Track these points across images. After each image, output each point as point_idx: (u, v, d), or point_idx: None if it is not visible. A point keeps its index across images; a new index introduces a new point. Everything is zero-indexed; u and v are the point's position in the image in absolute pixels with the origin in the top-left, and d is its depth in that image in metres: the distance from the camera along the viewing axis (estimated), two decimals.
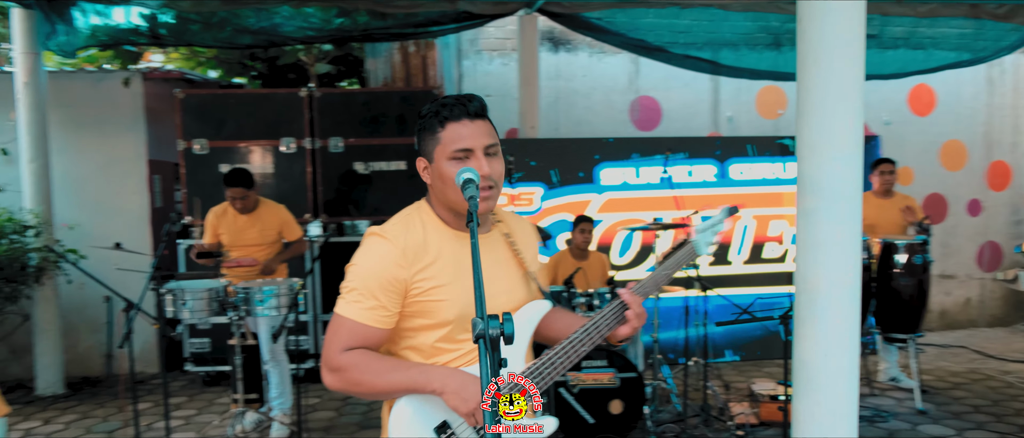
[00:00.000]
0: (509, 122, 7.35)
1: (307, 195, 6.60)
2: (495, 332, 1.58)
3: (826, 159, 2.85)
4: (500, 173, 1.92)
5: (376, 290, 1.86)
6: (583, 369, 4.92)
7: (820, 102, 2.85)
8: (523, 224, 2.19)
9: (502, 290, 1.99)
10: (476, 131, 1.89)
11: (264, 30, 6.64)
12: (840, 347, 2.84)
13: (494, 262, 2.00)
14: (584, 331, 1.98)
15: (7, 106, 6.36)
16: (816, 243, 2.85)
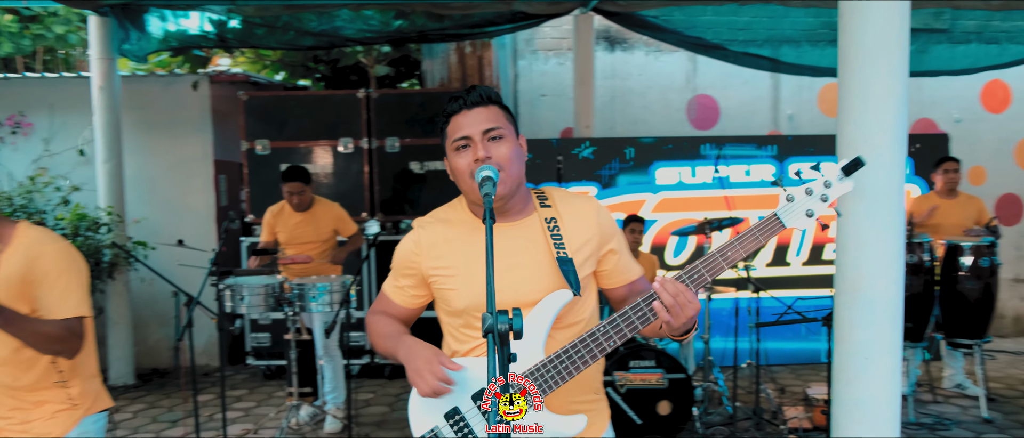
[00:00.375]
0: (564, 122, 7.36)
1: (364, 194, 6.74)
2: (503, 327, 1.60)
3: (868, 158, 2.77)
4: (506, 155, 1.92)
5: (399, 272, 2.09)
6: (631, 369, 4.90)
7: (861, 100, 2.78)
8: (580, 206, 2.07)
9: (525, 279, 1.96)
10: (473, 118, 1.93)
11: (325, 32, 6.81)
12: (881, 351, 2.77)
13: (520, 250, 1.98)
14: (610, 323, 1.92)
15: (85, 110, 6.68)
16: (856, 244, 2.79)
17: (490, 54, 7.45)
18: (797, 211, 1.88)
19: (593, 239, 2.04)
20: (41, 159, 7.11)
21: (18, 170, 7.04)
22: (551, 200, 2.08)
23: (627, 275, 2.14)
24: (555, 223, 2.03)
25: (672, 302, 1.83)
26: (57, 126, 7.17)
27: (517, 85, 7.47)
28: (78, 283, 2.44)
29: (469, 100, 1.95)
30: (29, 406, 2.45)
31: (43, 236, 2.47)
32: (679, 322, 1.85)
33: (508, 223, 2.01)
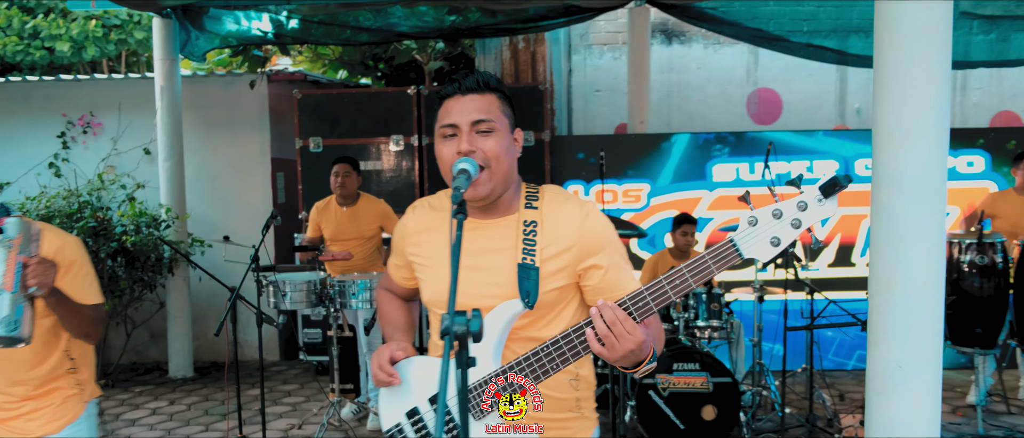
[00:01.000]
0: (618, 117, 7.21)
1: (414, 191, 6.74)
2: (460, 329, 1.51)
3: (903, 149, 2.57)
4: (493, 151, 1.79)
5: (394, 251, 2.10)
6: (674, 371, 4.73)
7: (898, 87, 2.58)
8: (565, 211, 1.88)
9: (482, 282, 1.85)
10: (465, 106, 1.80)
11: (380, 29, 6.85)
12: (919, 357, 2.56)
13: (487, 251, 1.87)
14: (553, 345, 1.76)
15: (151, 110, 6.88)
16: (891, 241, 2.58)
17: (543, 49, 7.35)
18: (760, 238, 1.59)
19: (571, 249, 1.85)
20: (109, 157, 7.37)
21: (89, 168, 7.30)
22: (541, 201, 1.91)
23: (615, 294, 1.82)
24: (533, 227, 1.87)
25: (604, 331, 1.65)
26: (124, 125, 7.41)
27: (571, 80, 7.35)
28: (94, 272, 2.56)
29: (464, 85, 1.83)
30: (41, 395, 2.53)
31: (58, 230, 2.55)
32: (614, 356, 1.66)
33: (486, 220, 1.90)
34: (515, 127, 1.91)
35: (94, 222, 6.26)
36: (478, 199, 1.82)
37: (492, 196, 1.84)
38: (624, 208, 6.55)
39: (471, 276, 1.84)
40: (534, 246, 1.85)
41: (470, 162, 1.75)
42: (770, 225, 1.58)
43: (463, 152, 1.78)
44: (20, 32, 11.48)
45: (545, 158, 6.58)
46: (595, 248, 1.85)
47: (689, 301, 5.02)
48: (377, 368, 1.84)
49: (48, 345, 2.51)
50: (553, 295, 1.87)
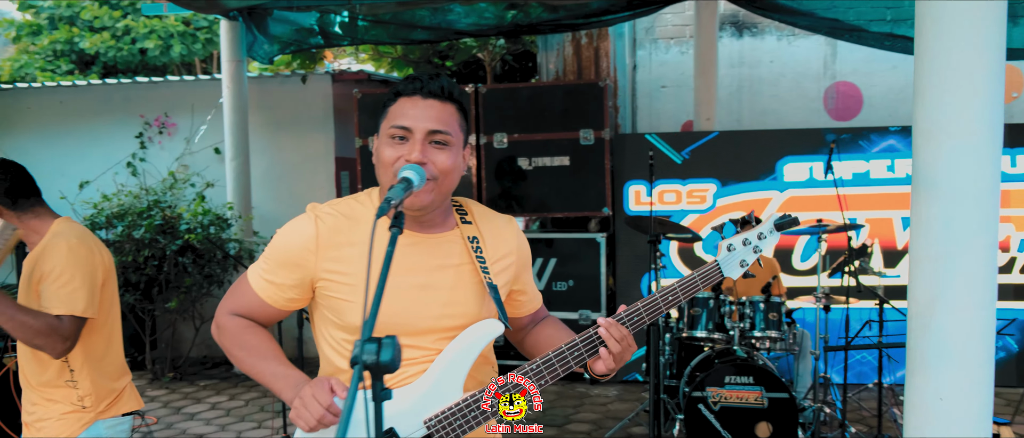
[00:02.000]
0: (685, 114, 6.93)
1: (471, 191, 6.65)
2: (370, 358, 1.39)
3: (946, 150, 2.28)
4: (445, 166, 1.67)
5: (278, 265, 1.74)
6: (726, 384, 4.47)
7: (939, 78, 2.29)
8: (502, 226, 1.88)
9: (444, 301, 1.73)
10: (424, 111, 1.67)
11: (439, 26, 6.79)
12: (963, 390, 2.27)
13: (438, 268, 1.74)
14: (544, 361, 1.73)
15: (220, 110, 7.04)
16: (932, 256, 2.30)
17: (607, 44, 7.14)
18: (734, 261, 1.89)
19: (512, 265, 1.87)
20: (183, 156, 7.59)
21: (164, 167, 7.54)
22: (471, 215, 1.86)
23: (535, 303, 2.00)
24: (478, 243, 1.80)
25: (618, 348, 1.74)
26: (197, 125, 7.62)
27: (635, 76, 7.11)
28: (79, 283, 2.45)
29: (427, 87, 1.70)
30: (43, 403, 2.51)
31: (64, 231, 2.52)
32: (617, 366, 1.78)
33: (425, 235, 1.76)
34: (467, 143, 1.81)
35: (161, 220, 6.44)
36: (416, 209, 1.68)
37: (430, 208, 1.72)
38: (688, 209, 6.28)
39: (423, 295, 1.72)
40: (485, 263, 1.79)
41: (417, 171, 1.62)
42: (740, 251, 1.89)
43: (414, 161, 1.64)
44: (113, 31, 12.03)
45: (605, 157, 6.37)
46: (526, 262, 1.92)
47: (745, 310, 4.74)
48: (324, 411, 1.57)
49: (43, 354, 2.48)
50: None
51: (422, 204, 1.67)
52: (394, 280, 1.68)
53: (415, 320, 1.71)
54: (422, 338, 1.72)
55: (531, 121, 6.55)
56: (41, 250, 2.49)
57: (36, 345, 2.38)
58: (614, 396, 5.97)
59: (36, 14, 12.78)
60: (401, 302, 1.70)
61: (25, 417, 2.55)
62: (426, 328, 1.72)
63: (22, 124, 7.84)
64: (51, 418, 2.50)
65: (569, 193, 6.45)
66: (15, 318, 2.32)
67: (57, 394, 2.51)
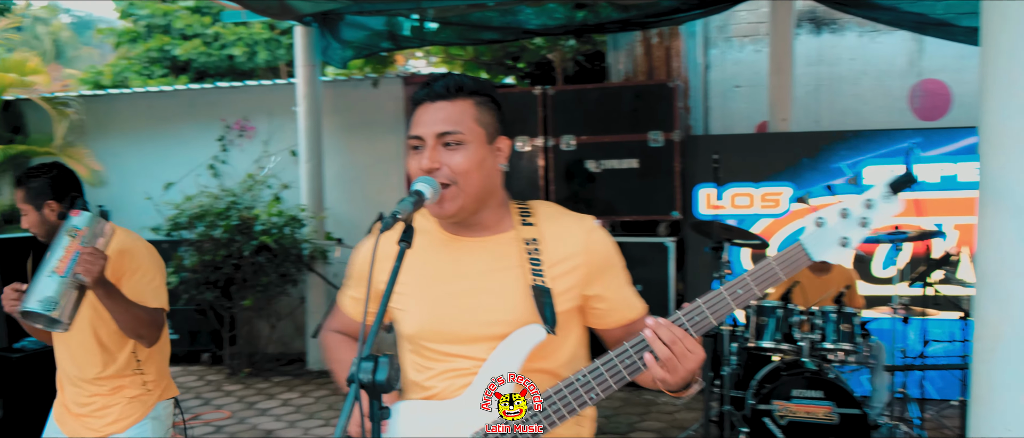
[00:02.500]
0: (760, 114, 6.70)
1: (539, 194, 6.61)
2: (365, 377, 1.38)
3: (1016, 157, 2.12)
4: (461, 167, 1.62)
5: (354, 280, 1.85)
6: (793, 398, 4.30)
7: (1007, 79, 2.13)
8: (569, 226, 1.73)
9: (490, 306, 1.67)
10: (432, 116, 1.63)
11: (508, 26, 6.78)
12: None
13: (487, 271, 1.69)
14: (592, 372, 1.61)
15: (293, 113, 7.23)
16: (1000, 274, 2.13)
17: (678, 43, 6.98)
18: (828, 239, 1.52)
19: (579, 267, 1.70)
20: (261, 159, 7.80)
21: (243, 169, 7.77)
22: (536, 217, 1.75)
23: (624, 313, 1.77)
24: (535, 244, 1.70)
25: (666, 354, 1.53)
26: (274, 128, 7.82)
27: (708, 76, 6.92)
28: (160, 280, 2.67)
29: (433, 91, 1.65)
30: (108, 392, 2.67)
31: (129, 233, 2.70)
32: (676, 378, 1.55)
33: (476, 238, 1.72)
34: (499, 135, 1.72)
35: (238, 220, 6.64)
36: (446, 217, 1.66)
37: (463, 214, 1.66)
38: (762, 213, 6.07)
39: (476, 301, 1.68)
40: (540, 265, 1.68)
41: (428, 182, 1.59)
42: (838, 225, 1.52)
43: (425, 169, 1.61)
44: (203, 38, 12.52)
45: (675, 159, 6.23)
46: (603, 264, 1.72)
47: (816, 320, 4.54)
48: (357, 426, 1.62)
49: (116, 345, 2.66)
50: (565, 318, 1.69)
51: (450, 212, 1.64)
52: (443, 287, 1.70)
53: (464, 327, 1.68)
54: (472, 346, 1.67)
55: (599, 123, 6.46)
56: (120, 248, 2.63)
57: (140, 335, 2.56)
58: (681, 405, 5.83)
59: (135, 22, 13.43)
60: (450, 309, 1.69)
61: (76, 409, 2.70)
62: (475, 335, 1.67)
63: (114, 128, 8.23)
64: (117, 404, 2.68)
65: (637, 196, 6.34)
66: (130, 310, 2.49)
67: (124, 382, 2.69)
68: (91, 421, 2.67)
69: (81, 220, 2.41)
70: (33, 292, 2.34)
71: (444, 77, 1.67)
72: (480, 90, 1.69)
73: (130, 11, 13.38)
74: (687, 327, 1.56)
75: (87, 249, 2.34)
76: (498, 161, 1.71)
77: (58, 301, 2.32)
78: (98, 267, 2.33)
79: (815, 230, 1.53)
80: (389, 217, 1.48)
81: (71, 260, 2.34)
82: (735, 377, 4.78)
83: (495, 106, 1.72)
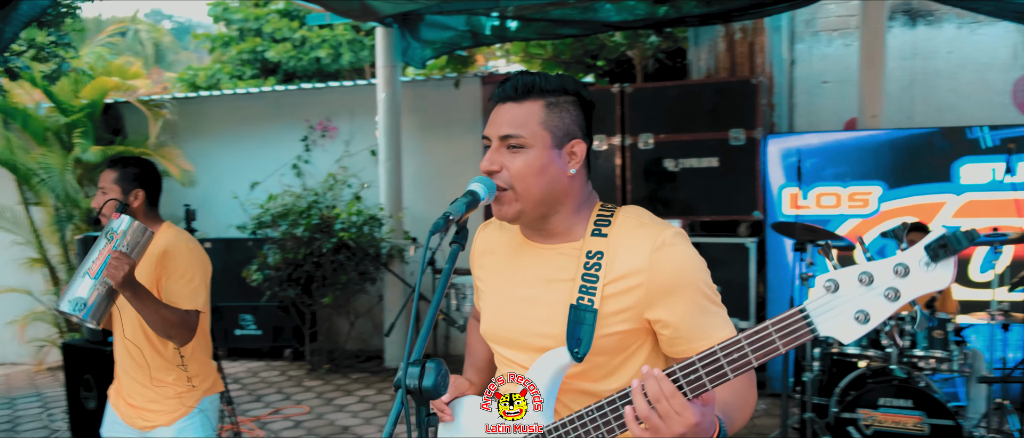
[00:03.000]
0: (849, 111, 6.43)
1: (616, 194, 6.51)
2: (412, 382, 1.36)
3: None
4: (520, 171, 1.57)
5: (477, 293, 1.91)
6: (881, 407, 4.10)
7: None
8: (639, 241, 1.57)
9: (540, 319, 1.62)
10: (499, 117, 1.62)
11: (587, 21, 6.70)
12: None
13: (546, 282, 1.64)
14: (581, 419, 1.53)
15: (374, 114, 7.33)
16: None
17: (763, 38, 6.76)
18: (841, 311, 1.24)
19: (639, 287, 1.55)
20: (342, 159, 7.95)
21: (326, 169, 7.94)
22: (613, 227, 1.62)
23: (694, 344, 1.54)
24: (598, 259, 1.58)
25: (646, 411, 1.37)
26: (356, 129, 7.96)
27: (793, 72, 6.68)
28: (200, 281, 2.72)
29: (504, 91, 1.62)
30: (155, 386, 2.76)
31: (179, 234, 2.76)
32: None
33: (544, 244, 1.68)
34: (573, 138, 1.62)
35: (318, 219, 6.77)
36: (504, 219, 1.64)
37: (523, 218, 1.62)
38: (850, 213, 5.82)
39: (524, 310, 1.66)
40: (595, 282, 1.57)
41: (485, 183, 1.57)
42: (855, 294, 1.23)
43: (483, 170, 1.60)
44: (292, 41, 12.88)
45: (756, 158, 6.03)
46: (667, 287, 1.54)
47: (905, 325, 4.31)
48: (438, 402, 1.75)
49: (161, 340, 2.73)
50: (613, 341, 1.58)
51: (506, 216, 1.62)
52: (509, 291, 1.71)
53: (515, 334, 1.68)
54: (521, 354, 1.66)
55: (679, 121, 6.32)
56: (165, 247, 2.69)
57: (169, 336, 2.63)
58: (761, 411, 5.64)
59: (228, 25, 13.94)
60: (508, 314, 1.70)
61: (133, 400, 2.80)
62: (523, 344, 1.66)
63: (204, 129, 8.52)
64: (163, 399, 2.77)
65: (718, 196, 6.17)
66: (158, 312, 2.56)
67: (169, 377, 2.77)
68: (142, 413, 2.78)
69: (120, 224, 2.51)
70: (67, 292, 2.48)
71: (518, 76, 1.64)
72: (558, 89, 1.62)
73: (224, 16, 13.89)
74: (681, 384, 1.37)
75: (116, 253, 2.44)
76: (568, 166, 1.61)
77: (88, 302, 2.45)
78: (122, 272, 2.41)
79: (825, 297, 1.25)
80: (442, 218, 1.45)
81: (103, 262, 2.45)
82: (817, 383, 4.59)
83: (577, 106, 1.64)
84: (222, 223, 7.74)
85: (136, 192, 2.78)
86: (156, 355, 2.74)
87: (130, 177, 2.78)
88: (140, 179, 2.80)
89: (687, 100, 6.33)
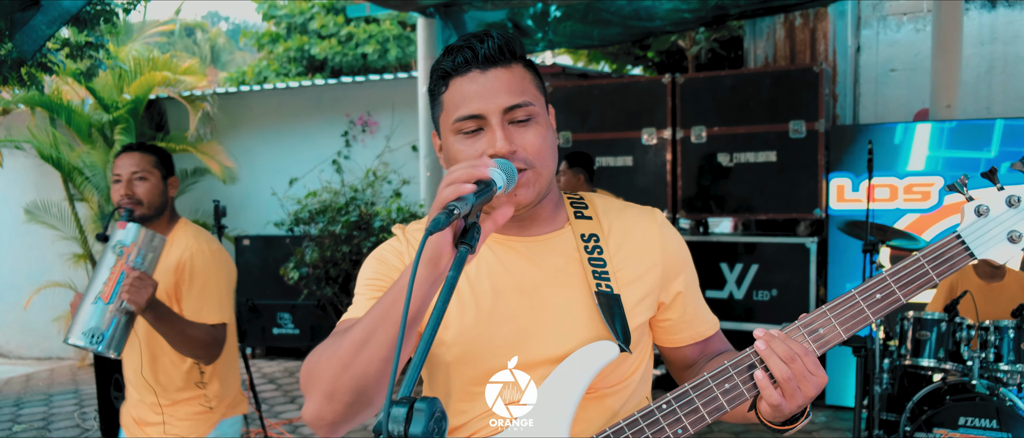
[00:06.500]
0: (919, 101, 5.98)
1: (666, 190, 6.16)
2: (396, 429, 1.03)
3: None
4: (536, 147, 1.28)
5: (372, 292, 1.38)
6: (960, 426, 3.69)
7: None
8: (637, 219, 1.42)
9: (553, 324, 1.33)
10: (489, 86, 1.26)
11: (637, 14, 6.37)
12: None
13: (548, 279, 1.35)
14: (680, 399, 1.27)
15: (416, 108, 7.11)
16: None
17: (826, 25, 6.33)
18: (994, 232, 1.21)
19: (653, 270, 1.39)
20: (383, 154, 7.75)
21: (366, 164, 7.75)
22: (592, 209, 1.43)
23: (698, 328, 1.47)
24: (596, 242, 1.38)
25: (785, 373, 1.20)
26: (396, 123, 7.76)
27: (859, 59, 6.24)
28: (226, 288, 2.45)
29: (482, 53, 1.27)
30: (170, 405, 2.48)
31: (198, 234, 2.48)
32: (793, 404, 1.22)
33: (530, 238, 1.39)
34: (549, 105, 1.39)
35: (357, 216, 6.58)
36: (528, 205, 1.31)
37: (535, 202, 1.32)
38: (907, 208, 5.37)
39: (527, 318, 1.34)
40: (604, 267, 1.36)
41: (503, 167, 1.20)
42: (1006, 215, 1.22)
43: (501, 153, 1.25)
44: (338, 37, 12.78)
45: (819, 152, 5.62)
46: (678, 267, 1.43)
47: (989, 336, 3.89)
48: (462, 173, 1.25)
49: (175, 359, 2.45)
50: (636, 334, 1.37)
51: (529, 200, 1.30)
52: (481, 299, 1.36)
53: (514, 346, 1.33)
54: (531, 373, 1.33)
55: (733, 113, 5.94)
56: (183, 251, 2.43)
57: (196, 355, 2.35)
58: (822, 424, 5.24)
59: (276, 24, 13.92)
60: (500, 329, 1.34)
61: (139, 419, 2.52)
62: (533, 360, 1.32)
63: (246, 124, 8.42)
64: (179, 419, 2.48)
65: (776, 192, 5.77)
66: (184, 332, 2.29)
67: (185, 395, 2.49)
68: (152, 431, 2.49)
69: (128, 235, 2.19)
70: (78, 322, 2.15)
71: (490, 37, 1.29)
72: (525, 53, 1.35)
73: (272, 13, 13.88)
74: (808, 341, 1.24)
75: (135, 273, 2.14)
76: (556, 139, 1.39)
77: (104, 332, 2.13)
78: (145, 295, 2.12)
79: (975, 220, 1.22)
80: (444, 214, 1.08)
81: (117, 283, 2.14)
82: (887, 398, 4.18)
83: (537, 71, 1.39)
84: (261, 220, 7.61)
85: (173, 180, 2.52)
86: (174, 372, 2.46)
87: (166, 163, 2.51)
88: (172, 167, 2.54)
89: (743, 90, 5.94)
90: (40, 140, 7.75)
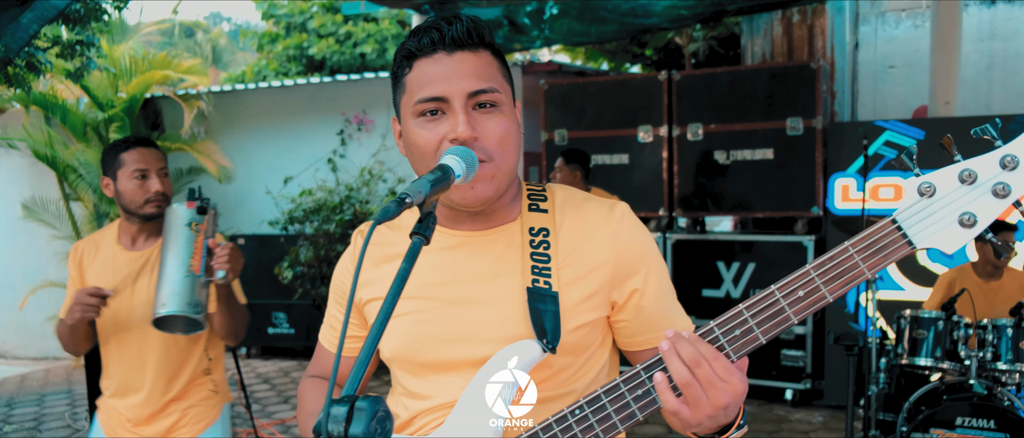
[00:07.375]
0: (918, 98, 5.92)
1: (662, 188, 6.10)
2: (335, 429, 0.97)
3: None
4: (499, 137, 1.22)
5: (332, 304, 1.46)
6: (957, 427, 3.64)
7: None
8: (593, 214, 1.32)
9: (483, 319, 1.26)
10: (457, 69, 1.21)
11: (633, 12, 6.31)
12: None
13: (486, 276, 1.29)
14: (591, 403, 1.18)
15: None
16: None
17: (823, 21, 6.28)
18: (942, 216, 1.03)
19: (603, 268, 1.28)
20: (379, 153, 7.70)
21: (362, 163, 7.71)
22: (550, 202, 1.34)
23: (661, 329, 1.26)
24: (545, 237, 1.29)
25: (685, 377, 1.08)
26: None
27: (857, 56, 6.18)
28: None
29: (449, 35, 1.22)
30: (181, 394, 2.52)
31: None
32: (698, 415, 1.09)
33: (481, 231, 1.32)
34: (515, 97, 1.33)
35: (351, 215, 6.53)
36: (485, 201, 1.25)
37: (494, 199, 1.27)
38: None
39: (469, 313, 1.27)
40: (548, 263, 1.27)
41: (463, 154, 1.16)
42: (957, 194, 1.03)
43: (462, 139, 1.19)
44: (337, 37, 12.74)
45: (816, 150, 5.56)
46: (634, 265, 1.30)
47: (987, 335, 3.84)
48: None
49: (192, 342, 2.50)
50: (578, 336, 1.28)
51: (485, 196, 1.24)
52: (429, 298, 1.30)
53: (453, 350, 1.27)
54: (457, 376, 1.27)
55: (730, 110, 5.88)
56: None
57: (238, 334, 2.47)
58: (818, 424, 5.18)
59: (276, 23, 13.89)
60: (437, 327, 1.29)
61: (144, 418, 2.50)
62: (466, 359, 1.26)
63: (240, 123, 8.37)
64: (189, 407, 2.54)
65: (773, 190, 5.72)
66: (240, 309, 2.43)
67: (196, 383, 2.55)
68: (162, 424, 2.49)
69: (197, 213, 2.27)
70: (175, 295, 2.18)
71: (455, 19, 1.23)
72: (494, 40, 1.29)
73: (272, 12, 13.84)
74: (723, 343, 1.11)
75: (226, 245, 2.23)
76: (521, 131, 1.32)
77: (201, 302, 2.22)
78: (240, 264, 2.26)
79: (917, 201, 1.04)
80: (395, 202, 1.04)
81: (203, 256, 2.21)
82: (883, 398, 4.13)
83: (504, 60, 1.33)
84: (256, 219, 7.57)
85: None
86: (186, 357, 2.49)
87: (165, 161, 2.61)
88: None
89: (740, 87, 5.89)
90: (35, 139, 7.71)
